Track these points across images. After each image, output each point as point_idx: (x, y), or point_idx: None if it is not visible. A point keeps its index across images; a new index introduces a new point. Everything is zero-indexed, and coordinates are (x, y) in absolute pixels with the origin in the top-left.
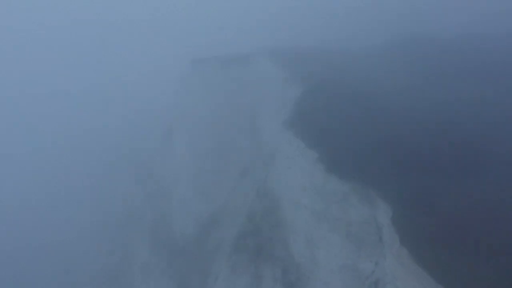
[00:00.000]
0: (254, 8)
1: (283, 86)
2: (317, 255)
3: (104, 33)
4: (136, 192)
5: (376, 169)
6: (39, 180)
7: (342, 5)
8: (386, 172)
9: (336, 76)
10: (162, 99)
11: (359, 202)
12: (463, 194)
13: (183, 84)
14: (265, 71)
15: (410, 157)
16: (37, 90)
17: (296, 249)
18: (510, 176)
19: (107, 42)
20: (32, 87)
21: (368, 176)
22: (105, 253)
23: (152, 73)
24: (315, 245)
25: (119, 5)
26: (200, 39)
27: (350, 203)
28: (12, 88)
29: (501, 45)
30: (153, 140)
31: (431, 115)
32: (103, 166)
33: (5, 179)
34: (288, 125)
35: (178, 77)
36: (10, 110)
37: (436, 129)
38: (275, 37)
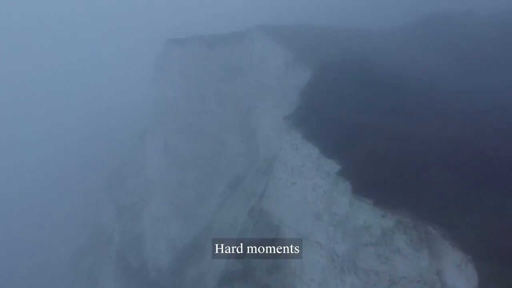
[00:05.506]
0: None
1: (285, 70)
2: None
3: (67, 18)
4: (106, 206)
5: (435, 191)
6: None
7: None
8: (452, 196)
9: (353, 59)
10: (136, 91)
11: (409, 246)
12: None
13: (158, 72)
14: (262, 53)
15: (487, 171)
16: None
17: None
18: None
19: (69, 27)
20: None
21: (422, 202)
22: (67, 282)
23: (126, 60)
24: None
25: None
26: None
27: (394, 247)
28: None
29: None
30: (126, 144)
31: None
32: (71, 172)
33: None
34: (293, 122)
35: (152, 63)
36: None
37: None
38: (274, 14)
